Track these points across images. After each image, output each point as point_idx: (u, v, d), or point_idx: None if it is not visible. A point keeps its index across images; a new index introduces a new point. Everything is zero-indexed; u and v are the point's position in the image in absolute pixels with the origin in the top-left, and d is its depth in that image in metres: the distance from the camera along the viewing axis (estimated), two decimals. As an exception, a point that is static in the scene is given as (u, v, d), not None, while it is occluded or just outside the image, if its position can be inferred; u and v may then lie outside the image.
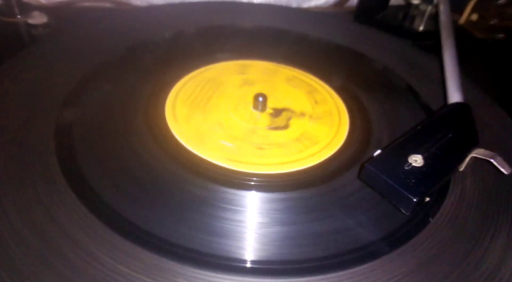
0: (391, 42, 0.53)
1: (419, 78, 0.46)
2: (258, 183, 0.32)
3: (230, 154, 0.34)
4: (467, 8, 0.60)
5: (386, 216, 0.30)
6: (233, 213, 0.29)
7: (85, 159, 0.31)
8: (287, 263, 0.27)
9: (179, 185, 0.31)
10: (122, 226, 0.27)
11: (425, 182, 0.29)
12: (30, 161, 0.30)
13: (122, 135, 0.34)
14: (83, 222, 0.27)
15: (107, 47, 0.44)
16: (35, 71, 0.39)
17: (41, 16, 0.48)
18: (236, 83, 0.42)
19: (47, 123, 0.33)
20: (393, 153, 0.31)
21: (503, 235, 0.30)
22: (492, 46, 0.59)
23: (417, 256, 0.28)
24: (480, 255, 0.28)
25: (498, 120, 0.41)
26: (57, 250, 0.25)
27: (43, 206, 0.27)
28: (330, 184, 0.33)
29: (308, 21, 0.56)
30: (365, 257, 0.27)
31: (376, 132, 0.38)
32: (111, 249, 0.25)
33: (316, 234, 0.29)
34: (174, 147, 0.34)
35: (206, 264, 0.26)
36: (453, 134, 0.33)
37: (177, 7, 0.55)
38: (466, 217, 0.31)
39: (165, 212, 0.29)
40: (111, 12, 0.57)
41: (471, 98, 0.39)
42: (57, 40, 0.44)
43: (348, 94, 0.42)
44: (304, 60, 0.46)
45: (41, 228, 0.26)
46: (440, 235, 0.29)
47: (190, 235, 0.27)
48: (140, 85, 0.40)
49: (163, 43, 0.47)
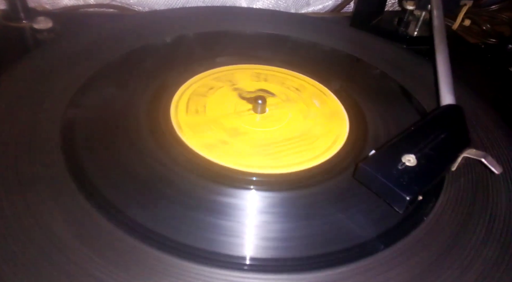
0: (387, 47, 0.55)
1: (413, 82, 0.47)
2: (258, 183, 0.33)
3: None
4: (460, 14, 0.61)
5: (382, 215, 0.31)
6: (237, 212, 0.30)
7: (90, 159, 0.32)
8: (286, 260, 0.28)
9: (207, 196, 0.31)
10: (126, 223, 0.28)
11: (418, 181, 0.30)
12: (35, 162, 0.31)
13: (129, 140, 0.35)
14: (88, 220, 0.27)
15: (110, 51, 0.45)
16: (40, 74, 0.40)
17: (46, 21, 0.49)
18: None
19: (52, 126, 0.34)
20: (387, 153, 0.32)
21: (496, 235, 0.30)
22: (485, 51, 0.61)
23: (411, 254, 0.28)
24: (474, 254, 0.29)
25: (489, 122, 0.42)
26: (62, 247, 0.25)
27: (48, 205, 0.28)
28: (331, 183, 0.33)
29: (305, 26, 0.57)
30: (361, 255, 0.28)
31: (372, 134, 0.39)
32: (114, 246, 0.26)
33: (312, 232, 0.29)
34: (187, 154, 0.34)
35: (207, 261, 0.26)
36: (446, 134, 0.34)
37: (178, 12, 0.57)
38: (459, 216, 0.31)
39: (189, 218, 0.29)
40: (114, 18, 0.58)
41: (464, 100, 0.39)
42: (61, 45, 0.45)
43: (344, 97, 0.43)
44: (301, 64, 0.47)
45: (46, 227, 0.26)
46: (434, 233, 0.30)
47: (209, 237, 0.28)
48: (142, 89, 0.40)
49: (163, 48, 0.48)
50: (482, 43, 0.62)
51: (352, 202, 0.32)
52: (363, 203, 0.32)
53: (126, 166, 0.32)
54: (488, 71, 0.55)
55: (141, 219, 0.28)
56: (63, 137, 0.33)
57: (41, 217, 0.27)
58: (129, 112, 0.37)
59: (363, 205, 0.32)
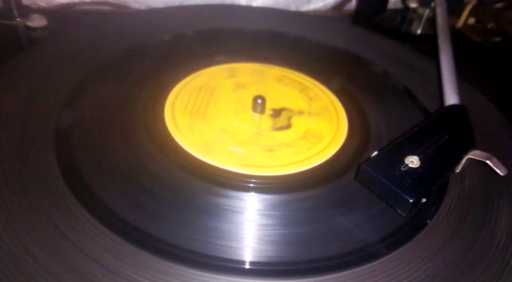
0: (389, 46, 0.54)
1: (416, 81, 0.46)
2: (271, 185, 0.32)
3: (242, 159, 0.34)
4: (465, 12, 0.61)
5: (385, 218, 0.30)
6: (249, 216, 0.30)
7: (84, 161, 0.32)
8: (288, 264, 0.27)
9: (195, 194, 0.31)
10: (124, 229, 0.27)
11: (421, 183, 0.29)
12: (29, 163, 0.30)
13: (125, 143, 0.34)
14: (83, 225, 0.27)
15: (106, 49, 0.44)
16: (34, 73, 0.39)
17: (40, 19, 0.48)
18: (229, 87, 0.42)
19: (46, 125, 0.34)
20: (390, 154, 0.31)
21: (500, 238, 0.30)
22: (489, 50, 0.60)
23: (415, 257, 0.28)
24: (478, 257, 0.28)
25: (494, 122, 0.41)
26: (58, 254, 0.25)
27: (44, 210, 0.27)
28: (332, 185, 0.33)
29: (306, 24, 0.56)
30: (363, 258, 0.27)
31: (375, 134, 0.39)
32: (113, 252, 0.25)
33: (314, 236, 0.29)
34: (187, 160, 0.33)
35: (209, 266, 0.26)
36: (450, 135, 0.33)
37: (176, 10, 0.56)
38: (464, 219, 0.31)
39: (187, 221, 0.29)
40: (110, 15, 0.57)
41: (468, 100, 0.39)
42: (56, 43, 0.44)
43: (346, 96, 0.43)
44: (303, 63, 0.47)
45: (41, 233, 0.26)
46: (438, 237, 0.29)
47: (209, 242, 0.28)
48: (138, 89, 0.40)
49: (159, 46, 0.47)
50: (487, 41, 0.62)
51: (354, 205, 0.31)
52: (365, 205, 0.31)
53: (120, 167, 0.32)
54: (492, 70, 0.54)
55: (134, 221, 0.28)
56: (56, 136, 0.33)
57: (33, 217, 0.27)
58: (124, 112, 0.37)
59: (365, 208, 0.31)
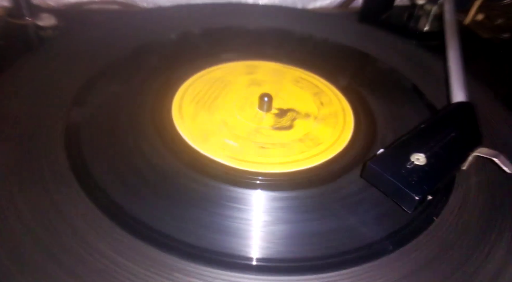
0: (396, 43, 0.53)
1: (424, 78, 0.46)
2: (262, 182, 0.32)
3: (234, 152, 0.34)
4: (473, 8, 0.60)
5: (390, 215, 0.31)
6: (236, 211, 0.30)
7: (93, 156, 0.32)
8: (290, 261, 0.27)
9: (183, 182, 0.31)
10: (127, 221, 0.28)
11: (427, 180, 0.29)
12: (40, 159, 0.31)
13: (130, 134, 0.35)
14: (90, 217, 0.27)
15: (115, 48, 0.44)
16: (44, 71, 0.40)
17: (50, 18, 0.49)
18: (244, 83, 0.42)
19: (56, 122, 0.34)
20: (396, 152, 0.31)
21: (507, 236, 0.30)
22: (498, 46, 0.59)
23: (420, 255, 0.28)
24: (484, 255, 0.28)
25: (502, 120, 0.41)
26: (64, 245, 0.25)
27: (53, 202, 0.28)
28: (334, 183, 0.33)
29: (313, 22, 0.56)
30: (368, 256, 0.28)
31: (381, 131, 0.38)
32: (116, 244, 0.26)
33: (318, 233, 0.29)
34: (179, 145, 0.34)
35: (209, 261, 0.26)
36: (456, 133, 0.33)
37: (184, 9, 0.56)
38: (470, 216, 0.31)
39: (170, 209, 0.29)
40: (119, 14, 0.58)
41: (476, 97, 0.38)
42: (65, 42, 0.45)
43: (353, 94, 0.43)
44: (310, 61, 0.47)
45: (50, 224, 0.26)
46: (443, 234, 0.29)
47: (193, 232, 0.28)
48: (148, 85, 0.40)
49: (170, 44, 0.48)
50: (495, 38, 0.61)
51: (359, 202, 0.31)
52: (371, 203, 0.31)
53: (130, 165, 0.32)
54: (501, 67, 0.54)
55: (143, 217, 0.28)
56: (66, 135, 0.33)
57: (44, 215, 0.27)
58: (132, 108, 0.37)
59: (370, 205, 0.31)
